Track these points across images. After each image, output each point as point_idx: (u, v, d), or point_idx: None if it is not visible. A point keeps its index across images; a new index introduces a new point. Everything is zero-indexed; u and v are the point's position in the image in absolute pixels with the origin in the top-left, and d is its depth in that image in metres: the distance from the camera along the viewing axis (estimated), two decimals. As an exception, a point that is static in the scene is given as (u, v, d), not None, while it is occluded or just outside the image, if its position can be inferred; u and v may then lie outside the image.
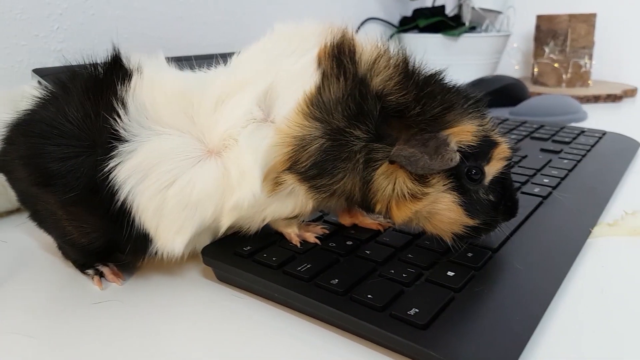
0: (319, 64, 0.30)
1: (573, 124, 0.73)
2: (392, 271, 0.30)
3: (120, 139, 0.30)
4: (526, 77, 1.10)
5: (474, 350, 0.24)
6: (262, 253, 0.33)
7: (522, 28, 1.14)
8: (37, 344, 0.29)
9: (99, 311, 0.32)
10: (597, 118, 0.79)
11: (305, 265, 0.31)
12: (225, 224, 0.32)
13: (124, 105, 0.31)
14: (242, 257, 0.33)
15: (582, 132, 0.63)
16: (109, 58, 0.33)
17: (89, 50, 0.61)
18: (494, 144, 0.31)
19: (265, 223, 0.34)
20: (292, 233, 0.35)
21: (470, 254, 0.32)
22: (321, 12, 0.96)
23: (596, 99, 0.92)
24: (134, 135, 0.31)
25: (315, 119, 0.29)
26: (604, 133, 0.63)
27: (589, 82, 1.00)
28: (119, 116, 0.30)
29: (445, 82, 0.32)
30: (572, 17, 0.97)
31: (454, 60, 1.00)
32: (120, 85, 0.32)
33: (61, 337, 0.29)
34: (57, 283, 0.36)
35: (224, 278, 0.34)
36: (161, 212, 0.31)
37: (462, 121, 0.30)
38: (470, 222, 0.31)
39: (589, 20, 0.97)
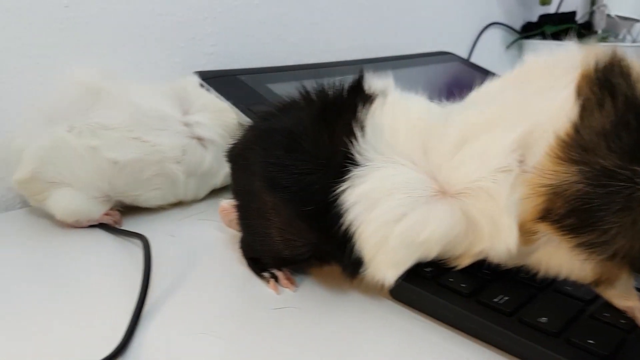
0: (579, 95, 0.25)
1: None
2: (607, 314, 0.28)
3: (354, 162, 0.30)
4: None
5: None
6: (447, 277, 0.32)
7: (663, 38, 1.03)
8: (225, 346, 0.29)
9: (280, 317, 0.32)
10: None
11: (502, 297, 0.29)
12: (463, 266, 0.31)
13: (362, 128, 0.30)
14: (425, 278, 0.32)
15: None
16: (355, 79, 0.33)
17: (235, 54, 0.64)
18: None
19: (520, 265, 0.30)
20: (637, 309, 0.28)
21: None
22: (443, 17, 0.93)
23: None
24: (368, 160, 0.30)
25: (571, 162, 0.24)
26: None
27: None
28: (356, 138, 0.30)
29: None
30: None
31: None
32: (361, 107, 0.31)
33: (248, 341, 0.30)
34: (234, 283, 0.37)
35: (399, 296, 0.33)
36: (382, 245, 0.30)
37: None
38: None
39: None
